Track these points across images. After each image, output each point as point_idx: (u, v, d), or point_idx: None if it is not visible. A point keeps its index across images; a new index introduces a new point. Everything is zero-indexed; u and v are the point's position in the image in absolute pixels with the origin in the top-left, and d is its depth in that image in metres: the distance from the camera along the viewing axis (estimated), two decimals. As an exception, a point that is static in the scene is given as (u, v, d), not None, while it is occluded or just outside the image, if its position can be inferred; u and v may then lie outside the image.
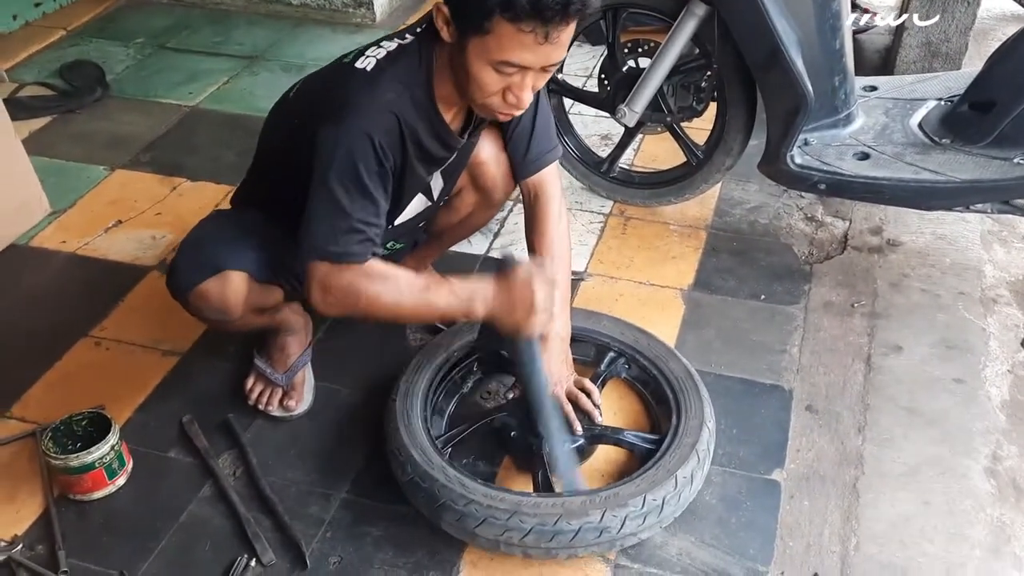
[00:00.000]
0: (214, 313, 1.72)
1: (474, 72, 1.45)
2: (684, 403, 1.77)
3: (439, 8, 1.45)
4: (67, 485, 1.73)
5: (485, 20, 1.38)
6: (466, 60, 1.45)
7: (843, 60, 2.10)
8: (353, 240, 1.51)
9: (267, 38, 3.57)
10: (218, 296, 1.68)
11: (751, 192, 2.57)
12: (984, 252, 2.33)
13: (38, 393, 1.98)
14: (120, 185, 2.68)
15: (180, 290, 1.71)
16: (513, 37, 1.38)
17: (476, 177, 1.87)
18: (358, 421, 1.90)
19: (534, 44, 1.39)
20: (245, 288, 1.70)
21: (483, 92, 1.48)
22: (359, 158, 1.49)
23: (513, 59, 1.42)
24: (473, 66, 1.45)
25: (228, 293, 1.68)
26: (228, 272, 1.67)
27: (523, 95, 1.48)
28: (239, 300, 1.70)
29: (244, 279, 1.69)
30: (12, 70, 3.28)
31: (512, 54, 1.41)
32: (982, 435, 1.84)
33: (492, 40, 1.40)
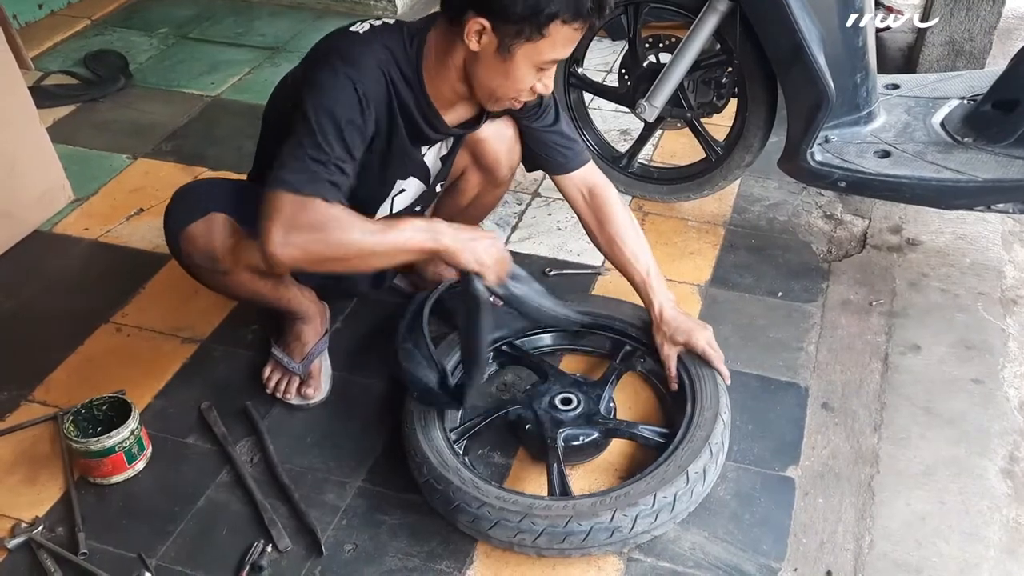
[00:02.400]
0: (203, 259, 1.71)
1: (518, 74, 1.53)
2: (699, 393, 1.76)
3: (474, 22, 1.47)
4: (87, 469, 1.75)
5: (543, 27, 1.45)
6: (508, 65, 1.51)
7: (865, 57, 2.09)
8: (323, 179, 1.47)
9: (289, 29, 3.58)
10: (204, 239, 1.69)
11: (770, 189, 2.56)
12: (1005, 252, 2.31)
13: (60, 377, 2.00)
14: (142, 174, 2.70)
15: (172, 236, 1.73)
16: (568, 36, 1.49)
17: (478, 155, 1.87)
18: (375, 410, 1.91)
19: (576, 38, 1.51)
20: (230, 231, 1.69)
21: (518, 89, 1.56)
22: (342, 103, 1.51)
23: (560, 55, 1.52)
24: (519, 70, 1.52)
25: (214, 235, 1.68)
26: (212, 214, 1.69)
27: (550, 82, 1.59)
28: (225, 245, 1.69)
29: (228, 221, 1.69)
30: (37, 59, 3.32)
31: (561, 51, 1.51)
32: (999, 436, 1.83)
33: (546, 43, 1.48)
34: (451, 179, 1.97)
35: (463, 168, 1.93)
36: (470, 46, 1.50)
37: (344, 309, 2.15)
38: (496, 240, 1.61)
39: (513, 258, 2.29)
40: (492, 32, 1.48)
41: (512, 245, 2.39)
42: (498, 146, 1.86)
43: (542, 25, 1.45)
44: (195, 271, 1.78)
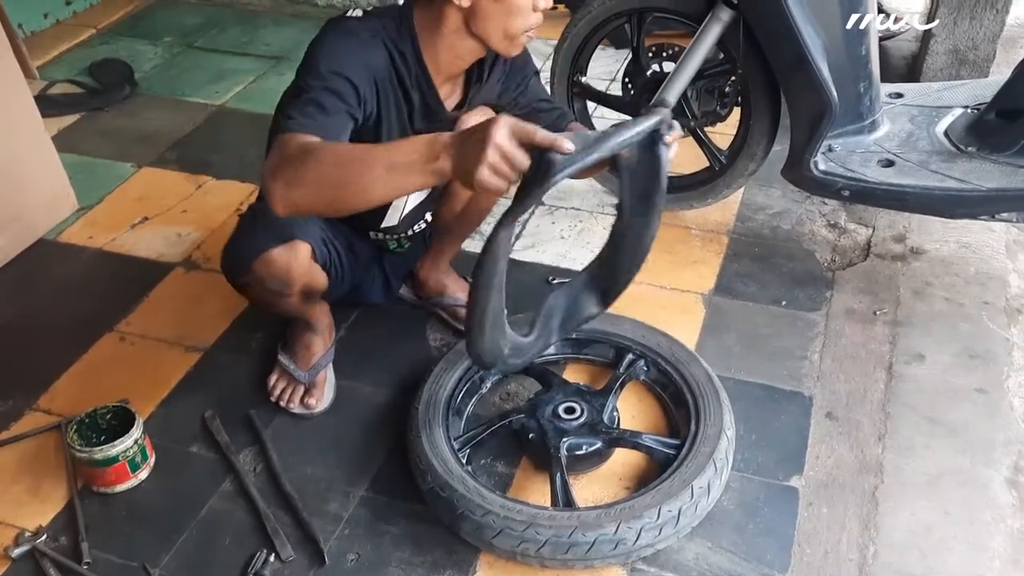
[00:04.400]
0: (275, 283, 1.72)
1: (517, 5, 1.52)
2: (703, 410, 1.77)
3: None
4: (91, 477, 1.75)
5: None
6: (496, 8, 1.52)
7: (869, 66, 2.09)
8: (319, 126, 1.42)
9: (293, 38, 3.59)
10: (284, 265, 1.69)
11: (774, 197, 2.56)
12: (1009, 261, 2.31)
13: (64, 386, 2.01)
14: (147, 182, 2.71)
15: (245, 257, 1.71)
16: None
17: None
18: (378, 419, 1.91)
19: None
20: (308, 261, 1.72)
21: (524, 13, 1.55)
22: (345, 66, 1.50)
23: None
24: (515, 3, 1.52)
25: (294, 263, 1.70)
26: (297, 242, 1.69)
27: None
28: (302, 272, 1.72)
29: (309, 251, 1.72)
30: (43, 68, 3.34)
31: None
32: (1004, 446, 1.82)
33: None
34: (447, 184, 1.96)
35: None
36: (462, 4, 1.52)
37: (348, 318, 2.16)
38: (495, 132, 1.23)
39: (516, 266, 2.32)
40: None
41: (516, 254, 2.39)
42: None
43: None
44: (249, 290, 1.79)
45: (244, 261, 1.72)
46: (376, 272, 2.04)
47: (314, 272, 1.76)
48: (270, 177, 1.34)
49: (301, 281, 1.74)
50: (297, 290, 1.76)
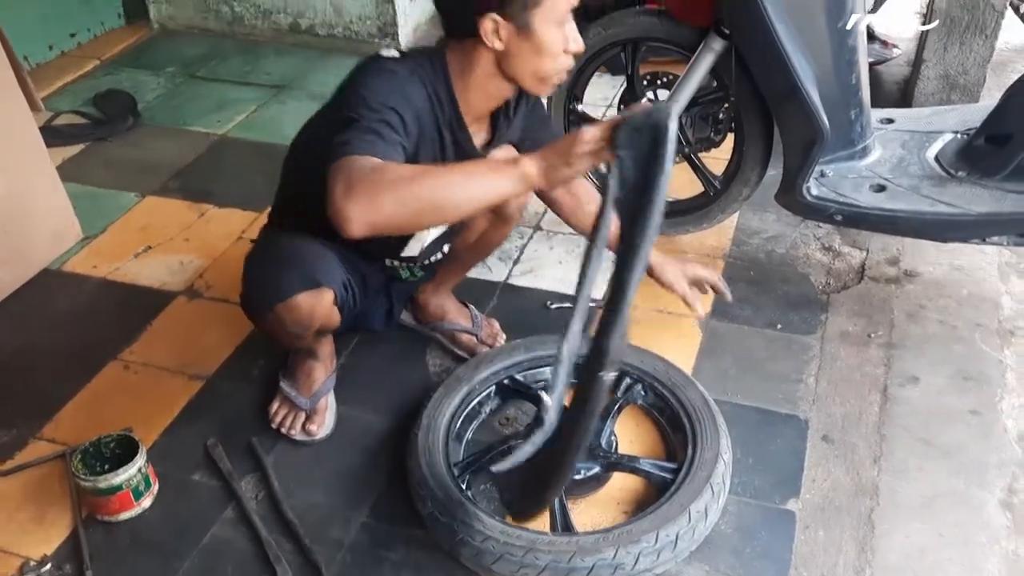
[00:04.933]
0: (295, 327, 1.75)
1: (547, 42, 1.55)
2: (700, 434, 1.79)
3: (487, 21, 1.52)
4: (95, 506, 1.77)
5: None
6: (533, 39, 1.54)
7: (859, 94, 2.13)
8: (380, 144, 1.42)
9: (295, 67, 3.64)
10: (308, 311, 1.71)
11: (769, 222, 2.59)
12: (1002, 284, 2.34)
13: (68, 415, 2.03)
14: (150, 211, 2.75)
15: (268, 299, 1.71)
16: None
17: None
18: (379, 445, 1.93)
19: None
20: (331, 306, 1.74)
21: (555, 55, 1.57)
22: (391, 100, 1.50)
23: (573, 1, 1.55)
24: (545, 37, 1.54)
25: (318, 309, 1.72)
26: (324, 288, 1.70)
27: (577, 35, 1.59)
28: (324, 316, 1.74)
29: (332, 297, 1.73)
30: (48, 99, 3.37)
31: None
32: (998, 468, 1.84)
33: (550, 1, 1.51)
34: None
35: None
36: (494, 46, 1.55)
37: (348, 345, 2.18)
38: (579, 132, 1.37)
39: (514, 292, 2.35)
40: (505, 21, 1.52)
41: (514, 279, 2.42)
42: None
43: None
44: (265, 324, 1.82)
45: (267, 303, 1.72)
46: (381, 300, 2.07)
47: (332, 315, 1.78)
48: (345, 198, 1.31)
49: (320, 324, 1.77)
50: (312, 332, 1.79)
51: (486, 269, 2.29)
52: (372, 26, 3.71)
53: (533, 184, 1.39)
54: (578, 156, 1.37)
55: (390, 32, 3.70)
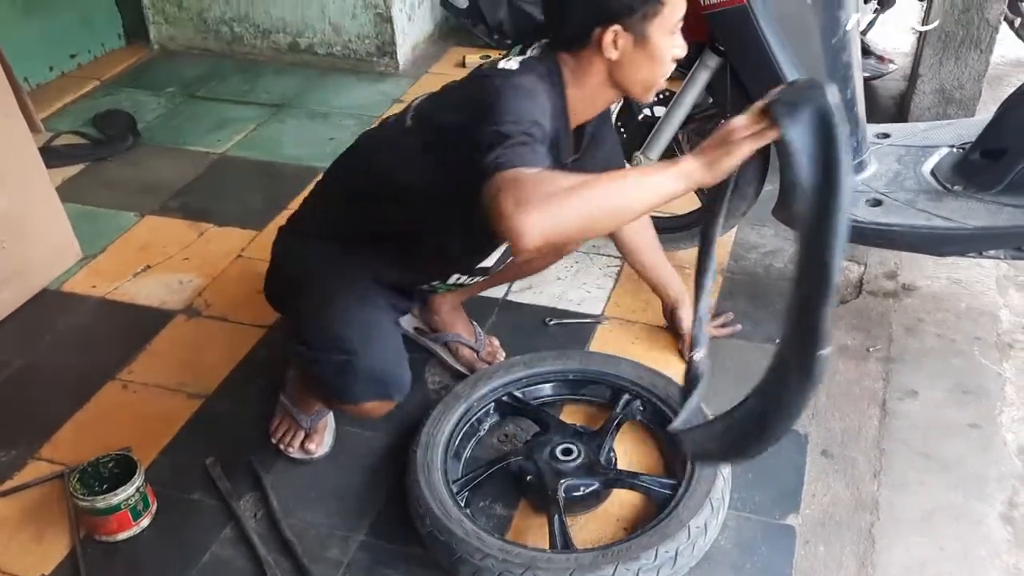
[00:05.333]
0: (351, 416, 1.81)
1: (660, 50, 1.61)
2: None
3: (607, 31, 1.56)
4: (93, 526, 1.77)
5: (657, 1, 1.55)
6: (648, 47, 1.59)
7: (855, 109, 2.14)
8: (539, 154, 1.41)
9: (294, 86, 3.67)
10: (374, 414, 1.74)
11: (767, 236, 2.60)
12: (1000, 297, 2.34)
13: (67, 435, 2.03)
14: (149, 231, 2.76)
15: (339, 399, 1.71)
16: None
17: None
18: (378, 463, 1.93)
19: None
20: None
21: (666, 63, 1.64)
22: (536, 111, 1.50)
23: (683, 8, 1.61)
24: (660, 45, 1.60)
25: (381, 410, 1.74)
26: (393, 402, 1.73)
27: (683, 41, 1.66)
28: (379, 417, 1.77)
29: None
30: (48, 119, 3.39)
31: (681, 6, 1.60)
32: (998, 481, 1.84)
33: (668, 8, 1.57)
34: None
35: None
36: (611, 57, 1.59)
37: (347, 362, 2.18)
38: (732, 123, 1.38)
39: (513, 307, 2.35)
40: (625, 31, 1.57)
41: (513, 295, 2.42)
42: None
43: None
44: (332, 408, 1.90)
45: (337, 401, 1.73)
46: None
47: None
48: (519, 212, 1.25)
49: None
50: None
51: (484, 286, 2.29)
52: (371, 45, 3.74)
53: (698, 180, 1.36)
54: (739, 143, 1.35)
55: (388, 51, 3.72)
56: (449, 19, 4.03)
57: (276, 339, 2.25)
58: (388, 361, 1.71)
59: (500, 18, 3.85)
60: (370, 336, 1.71)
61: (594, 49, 1.60)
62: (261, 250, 2.60)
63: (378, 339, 1.72)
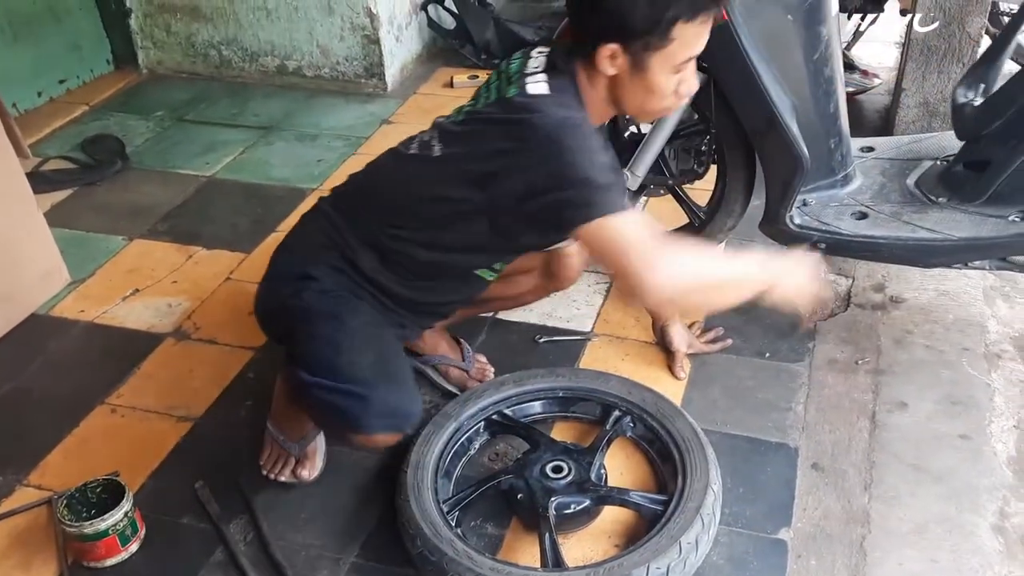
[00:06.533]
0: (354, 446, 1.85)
1: (658, 83, 1.58)
2: (689, 465, 1.78)
3: (604, 50, 1.55)
4: (81, 552, 1.75)
5: (667, 33, 1.51)
6: (646, 77, 1.57)
7: (838, 123, 2.15)
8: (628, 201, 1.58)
9: (282, 109, 3.68)
10: (379, 444, 1.74)
11: (755, 251, 2.60)
12: (987, 308, 2.35)
13: (55, 460, 2.02)
14: (138, 254, 2.75)
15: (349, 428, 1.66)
16: (692, 33, 1.53)
17: (554, 265, 1.95)
18: (367, 484, 1.92)
19: (704, 30, 1.55)
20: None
21: (663, 97, 1.62)
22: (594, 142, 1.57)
23: (693, 52, 1.57)
24: (657, 78, 1.57)
25: (389, 444, 1.75)
26: (401, 434, 1.72)
27: (692, 81, 1.62)
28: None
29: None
30: (36, 144, 3.39)
31: (693, 48, 1.56)
32: (989, 492, 1.84)
33: (675, 46, 1.53)
34: (514, 272, 2.00)
35: (529, 269, 1.99)
36: (607, 72, 1.58)
37: (337, 383, 2.18)
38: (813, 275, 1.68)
39: (503, 326, 2.35)
40: (623, 53, 1.55)
41: (502, 313, 2.42)
42: (578, 263, 1.95)
43: (665, 31, 1.50)
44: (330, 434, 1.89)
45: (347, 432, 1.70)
46: None
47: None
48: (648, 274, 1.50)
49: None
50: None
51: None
52: (359, 67, 3.75)
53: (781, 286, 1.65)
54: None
55: (376, 73, 3.74)
56: (437, 40, 4.05)
57: (265, 361, 2.25)
58: (403, 393, 1.69)
59: (487, 38, 3.88)
60: (385, 367, 1.68)
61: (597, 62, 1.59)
62: (250, 273, 2.60)
63: (393, 371, 1.70)
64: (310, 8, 3.67)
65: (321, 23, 3.70)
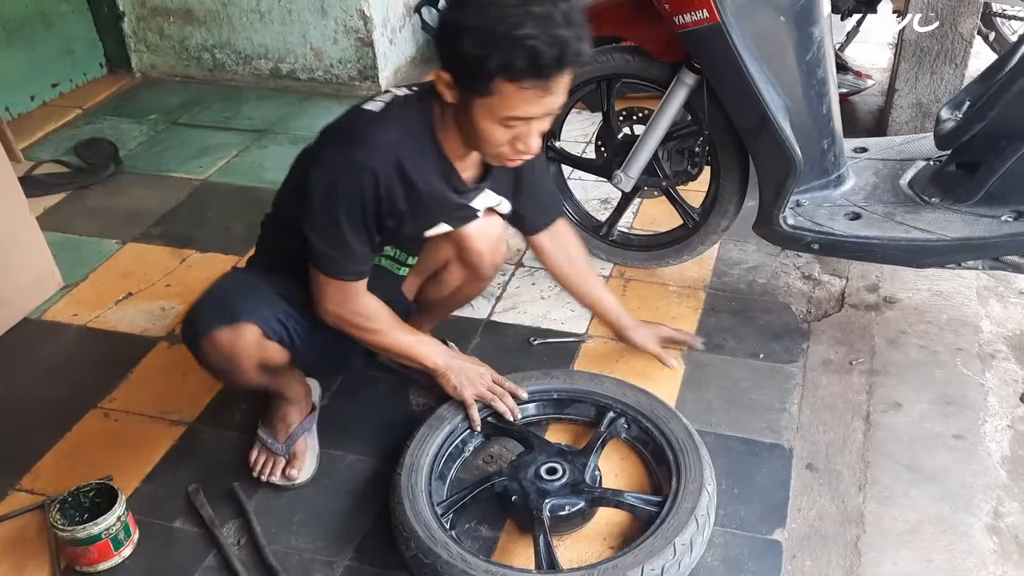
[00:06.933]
0: (222, 362, 1.73)
1: (482, 129, 1.54)
2: (684, 466, 1.78)
3: (439, 75, 1.53)
4: (74, 557, 1.75)
5: (487, 83, 1.46)
6: (472, 118, 1.53)
7: (831, 124, 2.15)
8: (355, 262, 1.70)
9: (276, 112, 3.67)
10: (228, 346, 1.70)
11: (749, 252, 2.61)
12: (981, 307, 2.35)
13: (48, 465, 2.01)
14: (131, 258, 2.75)
15: (194, 335, 1.73)
16: (516, 95, 1.47)
17: (462, 251, 1.91)
18: (362, 487, 1.92)
19: (535, 98, 1.48)
20: (256, 342, 1.72)
21: (493, 146, 1.57)
22: (357, 192, 1.59)
23: (519, 114, 1.50)
24: (481, 124, 1.53)
25: (238, 345, 1.71)
26: (241, 324, 1.70)
27: (531, 142, 1.56)
28: (249, 354, 1.73)
29: (256, 333, 1.72)
30: (29, 148, 3.39)
31: (517, 110, 1.49)
32: (983, 491, 1.84)
33: (496, 100, 1.48)
34: (434, 269, 2.02)
35: (446, 261, 1.97)
36: (446, 98, 1.56)
37: (331, 386, 2.17)
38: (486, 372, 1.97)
39: (497, 328, 2.35)
40: (454, 86, 1.52)
41: (496, 315, 2.42)
42: (482, 244, 1.89)
43: (487, 82, 1.45)
44: (205, 364, 1.79)
45: (193, 341, 1.74)
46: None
47: (267, 349, 1.76)
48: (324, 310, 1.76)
49: (250, 361, 1.74)
50: (248, 367, 1.75)
51: (468, 307, 2.29)
52: (352, 69, 3.75)
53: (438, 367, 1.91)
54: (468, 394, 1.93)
55: (370, 75, 3.74)
56: (430, 42, 4.05)
57: (259, 364, 2.24)
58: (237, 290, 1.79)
59: (481, 41, 3.87)
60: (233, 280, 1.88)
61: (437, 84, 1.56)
62: (244, 275, 2.59)
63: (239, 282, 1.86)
64: (303, 11, 3.67)
65: (315, 26, 3.70)
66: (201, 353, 1.74)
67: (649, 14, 2.07)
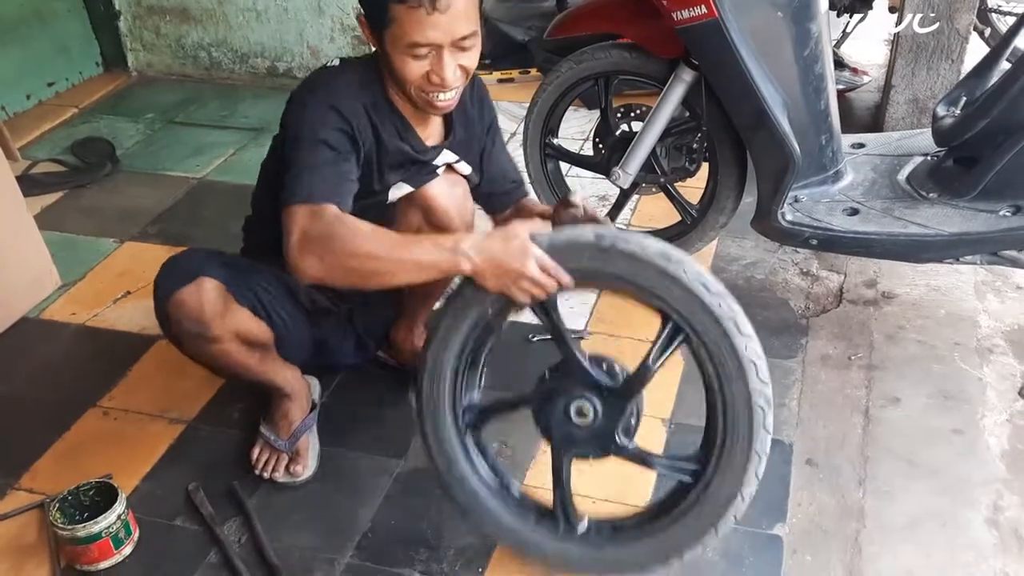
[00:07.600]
0: (192, 324, 1.72)
1: (397, 65, 1.57)
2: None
3: (359, 20, 1.60)
4: (74, 556, 1.74)
5: (385, 12, 1.51)
6: (389, 57, 1.58)
7: (829, 120, 2.16)
8: (330, 185, 1.55)
9: (272, 110, 3.63)
10: (194, 303, 1.70)
11: (747, 248, 2.61)
12: (978, 302, 2.36)
13: (47, 464, 2.01)
14: (129, 257, 2.74)
15: (160, 303, 1.74)
16: (409, 17, 1.50)
17: (429, 213, 1.86)
18: (362, 484, 1.92)
19: (427, 17, 1.50)
20: (219, 296, 1.72)
21: (409, 80, 1.59)
22: (327, 119, 1.59)
23: (418, 38, 1.52)
24: (395, 60, 1.57)
25: (204, 301, 1.70)
26: (203, 279, 1.70)
27: (444, 73, 1.56)
28: (215, 310, 1.71)
29: (217, 288, 1.72)
30: (26, 148, 3.38)
31: (415, 34, 1.52)
32: (982, 485, 1.84)
33: (396, 28, 1.52)
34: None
35: (416, 227, 1.95)
36: (370, 44, 1.60)
37: (330, 384, 2.17)
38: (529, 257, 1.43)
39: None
40: (367, 25, 1.58)
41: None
42: (448, 202, 1.86)
43: (383, 10, 1.51)
44: (182, 340, 1.77)
45: (160, 310, 1.75)
46: (348, 331, 2.05)
47: (237, 315, 1.75)
48: (299, 254, 1.47)
49: (216, 321, 1.72)
50: (220, 330, 1.73)
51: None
52: (349, 68, 3.74)
53: (467, 272, 1.44)
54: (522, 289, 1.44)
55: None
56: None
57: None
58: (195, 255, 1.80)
59: (477, 38, 3.87)
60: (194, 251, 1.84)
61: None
62: (242, 273, 2.59)
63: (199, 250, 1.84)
64: (300, 9, 3.67)
65: (311, 24, 3.69)
66: (171, 323, 1.74)
67: (647, 10, 2.07)
